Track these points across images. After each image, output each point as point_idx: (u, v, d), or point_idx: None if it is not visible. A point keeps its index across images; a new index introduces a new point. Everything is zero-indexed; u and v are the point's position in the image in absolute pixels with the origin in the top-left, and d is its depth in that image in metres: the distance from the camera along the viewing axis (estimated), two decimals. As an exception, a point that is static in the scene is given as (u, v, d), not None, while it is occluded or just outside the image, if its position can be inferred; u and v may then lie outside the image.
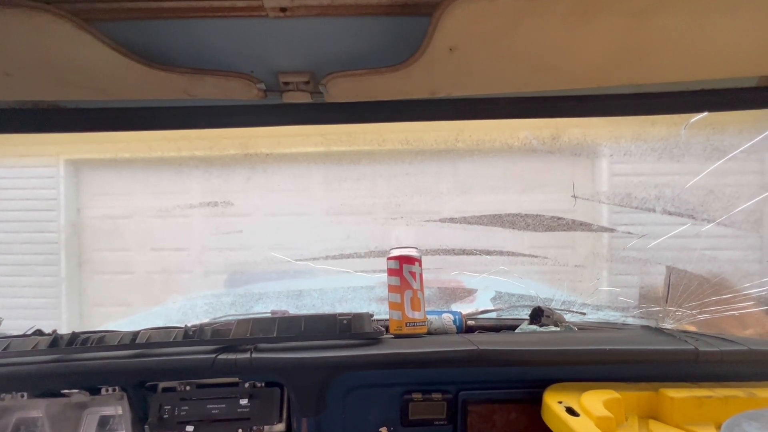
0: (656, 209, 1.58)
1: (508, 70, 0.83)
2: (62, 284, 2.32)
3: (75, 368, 0.82)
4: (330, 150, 1.89)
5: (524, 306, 1.34)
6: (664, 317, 1.19)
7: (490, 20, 0.68)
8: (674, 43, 0.76)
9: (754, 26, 0.72)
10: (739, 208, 1.48)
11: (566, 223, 1.61)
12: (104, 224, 2.13)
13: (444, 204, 1.90)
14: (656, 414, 0.79)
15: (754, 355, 0.84)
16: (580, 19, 0.69)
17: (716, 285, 1.22)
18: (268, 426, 0.84)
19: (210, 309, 1.72)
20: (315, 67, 0.85)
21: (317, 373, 0.83)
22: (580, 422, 0.68)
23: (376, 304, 1.59)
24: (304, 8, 0.71)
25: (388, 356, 0.83)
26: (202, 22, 0.75)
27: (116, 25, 0.74)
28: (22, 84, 0.84)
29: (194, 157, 1.93)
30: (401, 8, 0.71)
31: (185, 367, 0.83)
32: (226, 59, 0.83)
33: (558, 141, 1.70)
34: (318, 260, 1.75)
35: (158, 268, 2.15)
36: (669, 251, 1.44)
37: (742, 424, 0.62)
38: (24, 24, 0.67)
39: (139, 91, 0.87)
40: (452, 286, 1.61)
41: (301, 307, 1.67)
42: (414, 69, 0.79)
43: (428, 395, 0.88)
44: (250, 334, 0.87)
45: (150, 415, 0.84)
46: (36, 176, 2.32)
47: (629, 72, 0.85)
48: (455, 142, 1.77)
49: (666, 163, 1.59)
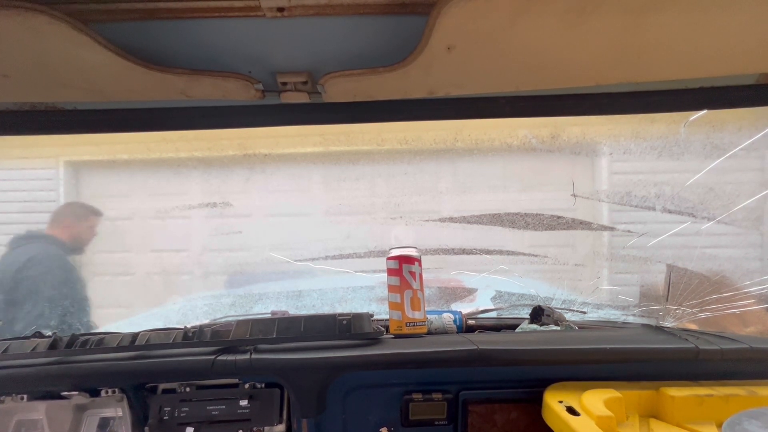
0: (656, 207, 1.57)
1: (506, 68, 0.83)
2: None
3: (75, 370, 0.82)
4: (328, 150, 1.89)
5: (524, 305, 1.34)
6: (664, 316, 1.19)
7: (487, 19, 0.68)
8: (673, 41, 0.76)
9: (752, 24, 0.72)
10: (739, 206, 1.47)
11: (566, 222, 1.61)
12: (104, 226, 2.12)
13: (443, 203, 1.90)
14: (657, 413, 0.79)
15: (755, 354, 0.83)
16: (578, 17, 0.69)
17: (717, 283, 1.22)
18: (268, 427, 0.84)
19: (209, 310, 1.71)
20: (313, 67, 0.85)
21: (317, 373, 0.83)
22: (580, 421, 0.68)
23: (376, 304, 1.59)
24: (301, 8, 0.71)
25: (388, 356, 0.83)
26: (200, 23, 0.75)
27: (113, 26, 0.73)
28: (19, 86, 0.84)
29: (193, 158, 1.92)
30: (399, 7, 0.71)
31: (185, 368, 0.83)
32: (224, 60, 0.82)
33: (557, 140, 1.70)
34: (317, 260, 1.75)
35: (158, 270, 2.15)
36: (669, 249, 1.43)
37: (743, 422, 0.62)
38: (21, 26, 0.67)
39: (137, 92, 0.86)
40: (452, 285, 1.61)
41: (300, 308, 1.67)
42: (412, 68, 0.79)
43: (428, 395, 0.88)
44: (249, 335, 0.87)
45: (150, 417, 0.84)
46: (35, 178, 2.32)
47: (628, 70, 0.84)
48: (454, 141, 1.76)
49: (666, 161, 1.58)
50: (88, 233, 1.80)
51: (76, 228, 1.76)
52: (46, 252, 1.71)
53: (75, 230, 1.76)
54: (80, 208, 1.82)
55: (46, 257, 1.69)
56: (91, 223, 1.80)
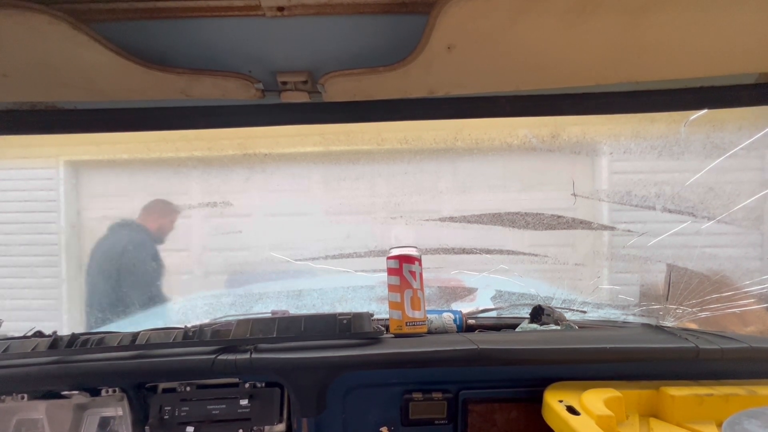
0: (656, 207, 1.57)
1: (506, 68, 0.83)
2: (62, 286, 2.32)
3: (75, 370, 0.82)
4: (329, 150, 1.88)
5: (525, 305, 1.34)
6: (664, 315, 1.19)
7: (487, 18, 0.68)
8: (673, 40, 0.76)
9: (752, 23, 0.72)
10: (739, 206, 1.47)
11: (566, 222, 1.61)
12: (104, 226, 2.12)
13: (443, 203, 1.90)
14: (657, 412, 0.79)
15: (755, 353, 0.83)
16: (578, 17, 0.69)
17: (717, 282, 1.22)
18: (268, 426, 0.84)
19: (210, 309, 1.72)
20: (313, 66, 0.85)
21: (317, 373, 0.83)
22: (580, 421, 0.68)
23: (376, 304, 1.59)
24: (301, 7, 0.71)
25: (388, 356, 0.83)
26: (200, 22, 0.75)
27: (113, 25, 0.73)
28: (19, 85, 0.84)
29: (193, 158, 1.92)
30: (399, 7, 0.71)
31: (185, 367, 0.83)
32: (224, 59, 0.82)
33: (557, 139, 1.70)
34: (318, 260, 1.75)
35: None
36: (669, 249, 1.43)
37: (742, 421, 0.62)
38: (21, 25, 0.67)
39: (137, 91, 0.86)
40: (452, 285, 1.61)
41: (301, 307, 1.67)
42: (412, 68, 0.79)
43: (428, 395, 0.88)
44: (249, 335, 0.87)
45: (150, 416, 0.84)
46: (35, 178, 2.32)
47: (628, 69, 0.84)
48: (454, 141, 1.76)
49: (666, 160, 1.58)
50: (169, 227, 2.05)
51: (161, 221, 2.02)
52: (140, 240, 1.97)
53: (160, 223, 2.01)
54: (166, 205, 2.05)
55: (140, 245, 1.95)
56: (173, 219, 2.05)
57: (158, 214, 2.01)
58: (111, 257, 1.91)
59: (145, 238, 1.97)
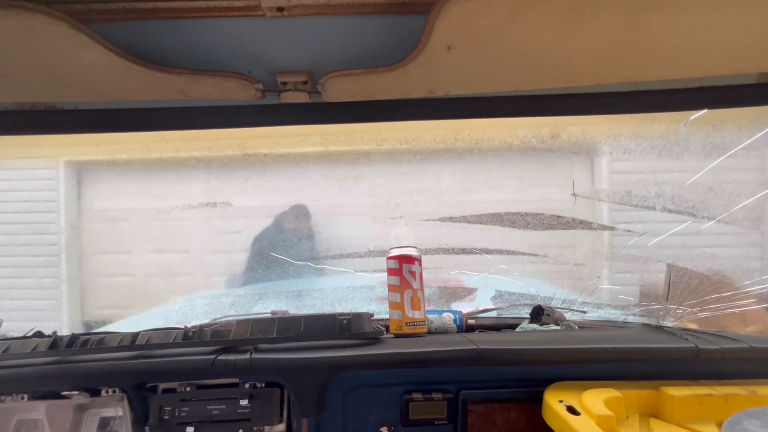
0: (656, 207, 1.57)
1: (506, 68, 0.82)
2: (62, 286, 2.32)
3: (75, 370, 0.82)
4: (328, 150, 1.89)
5: (525, 305, 1.34)
6: (664, 315, 1.19)
7: (487, 18, 0.68)
8: (673, 40, 0.76)
9: (752, 23, 0.72)
10: (739, 206, 1.47)
11: (566, 222, 1.61)
12: (104, 226, 2.13)
13: (443, 203, 1.90)
14: (657, 412, 0.79)
15: (755, 353, 0.83)
16: (578, 17, 0.69)
17: (717, 282, 1.22)
18: (268, 426, 0.84)
19: (210, 309, 1.72)
20: (313, 66, 0.85)
21: (317, 373, 0.83)
22: (580, 421, 0.68)
23: (376, 304, 1.59)
24: (301, 7, 0.71)
25: (388, 356, 0.83)
26: (199, 23, 0.75)
27: (113, 26, 0.73)
28: (18, 85, 0.84)
29: (192, 158, 1.92)
30: (398, 7, 0.71)
31: (185, 368, 0.83)
32: (224, 59, 0.82)
33: (557, 139, 1.70)
34: (317, 260, 1.75)
35: (158, 270, 2.15)
36: (669, 249, 1.43)
37: (743, 421, 0.62)
38: (20, 25, 0.67)
39: (137, 92, 0.86)
40: (452, 285, 1.61)
41: (301, 307, 1.67)
42: (412, 68, 0.79)
43: (428, 395, 0.88)
44: (249, 335, 0.87)
45: (150, 417, 0.84)
46: (35, 178, 2.32)
47: (628, 69, 0.84)
48: (454, 141, 1.76)
49: (666, 160, 1.58)
50: (303, 228, 2.11)
51: (296, 224, 2.09)
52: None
53: (295, 225, 2.08)
54: (305, 210, 2.13)
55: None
56: (305, 223, 2.14)
57: (294, 216, 2.11)
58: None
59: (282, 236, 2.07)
